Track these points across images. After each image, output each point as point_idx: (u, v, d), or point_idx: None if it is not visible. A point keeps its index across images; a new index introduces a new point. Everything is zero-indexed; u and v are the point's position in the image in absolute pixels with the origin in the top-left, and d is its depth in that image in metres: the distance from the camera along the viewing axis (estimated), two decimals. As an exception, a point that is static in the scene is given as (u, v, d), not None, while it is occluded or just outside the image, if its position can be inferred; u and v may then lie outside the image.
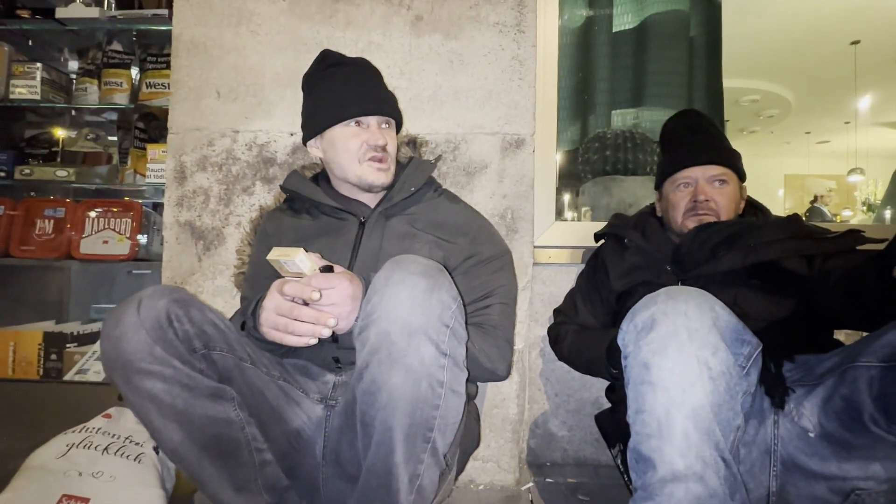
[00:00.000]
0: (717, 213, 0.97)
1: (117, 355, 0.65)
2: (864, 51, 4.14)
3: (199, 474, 0.71)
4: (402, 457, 0.64)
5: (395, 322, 0.62)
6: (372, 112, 0.91)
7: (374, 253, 0.89)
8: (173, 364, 0.66)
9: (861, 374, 0.66)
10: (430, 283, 0.64)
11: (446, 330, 0.64)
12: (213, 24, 1.27)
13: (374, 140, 0.90)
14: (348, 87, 0.93)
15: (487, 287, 0.90)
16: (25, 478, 0.89)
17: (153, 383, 0.66)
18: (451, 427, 0.68)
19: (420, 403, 0.63)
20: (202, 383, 0.69)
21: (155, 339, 0.65)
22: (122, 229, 1.56)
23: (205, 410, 0.69)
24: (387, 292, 0.63)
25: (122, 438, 0.97)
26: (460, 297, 0.69)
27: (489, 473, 1.18)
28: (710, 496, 0.59)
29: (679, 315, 0.63)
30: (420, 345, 0.62)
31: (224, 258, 1.23)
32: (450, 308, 0.65)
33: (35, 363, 1.51)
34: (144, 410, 0.67)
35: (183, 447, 0.69)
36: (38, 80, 1.61)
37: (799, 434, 0.73)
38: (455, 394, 0.67)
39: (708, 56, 1.73)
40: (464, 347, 0.69)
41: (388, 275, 0.65)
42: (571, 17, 1.71)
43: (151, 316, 0.65)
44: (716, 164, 0.99)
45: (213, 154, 1.25)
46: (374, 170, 0.90)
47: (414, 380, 0.63)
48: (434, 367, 0.64)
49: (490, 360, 0.85)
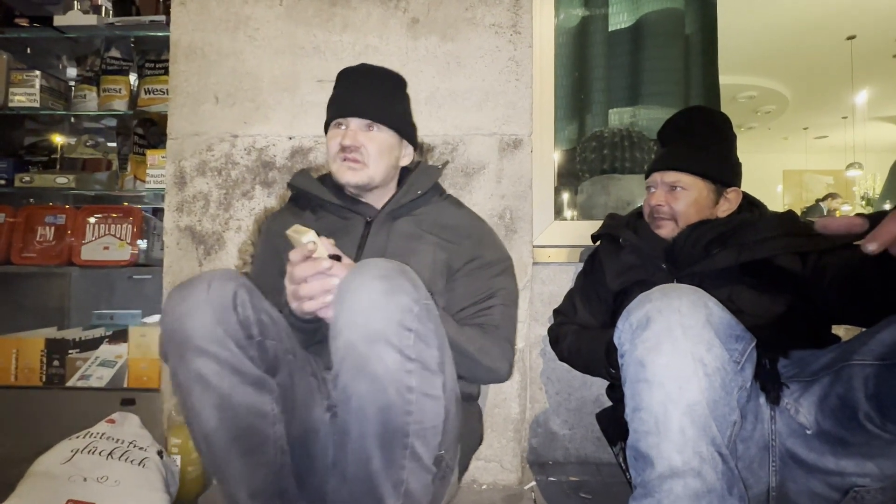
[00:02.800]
0: (673, 219, 0.99)
1: (178, 329, 0.65)
2: (861, 46, 4.15)
3: (224, 466, 0.70)
4: (382, 464, 0.64)
5: (356, 329, 0.62)
6: (348, 114, 0.93)
7: (379, 252, 0.91)
8: (230, 346, 0.66)
9: (856, 373, 0.66)
10: (387, 286, 0.63)
11: (409, 334, 0.63)
12: (211, 29, 1.27)
13: (343, 139, 0.91)
14: (340, 93, 0.96)
15: (489, 289, 0.91)
16: (31, 483, 0.89)
17: (206, 363, 0.66)
18: (431, 431, 0.66)
19: (392, 410, 0.63)
20: (251, 370, 0.69)
21: (219, 319, 0.66)
22: (122, 235, 1.56)
23: (245, 398, 0.69)
24: (347, 298, 0.63)
25: (126, 443, 0.97)
26: (430, 296, 0.68)
27: (492, 473, 1.19)
28: (708, 491, 0.60)
29: (673, 312, 0.63)
30: (381, 351, 0.62)
31: (225, 262, 1.24)
32: (410, 311, 0.63)
33: (38, 370, 1.51)
34: (190, 389, 0.67)
35: (216, 434, 0.68)
36: (38, 87, 1.61)
37: (797, 429, 0.74)
38: (430, 398, 0.66)
39: (704, 53, 1.73)
40: (435, 350, 0.67)
41: (350, 280, 0.64)
42: (567, 17, 1.71)
43: (219, 297, 0.66)
44: (672, 171, 0.99)
45: (212, 159, 1.26)
46: (346, 168, 0.92)
47: (380, 387, 0.62)
48: (399, 372, 0.62)
49: (491, 359, 0.85)
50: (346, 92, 0.95)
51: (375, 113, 0.93)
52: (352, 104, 0.93)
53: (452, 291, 0.91)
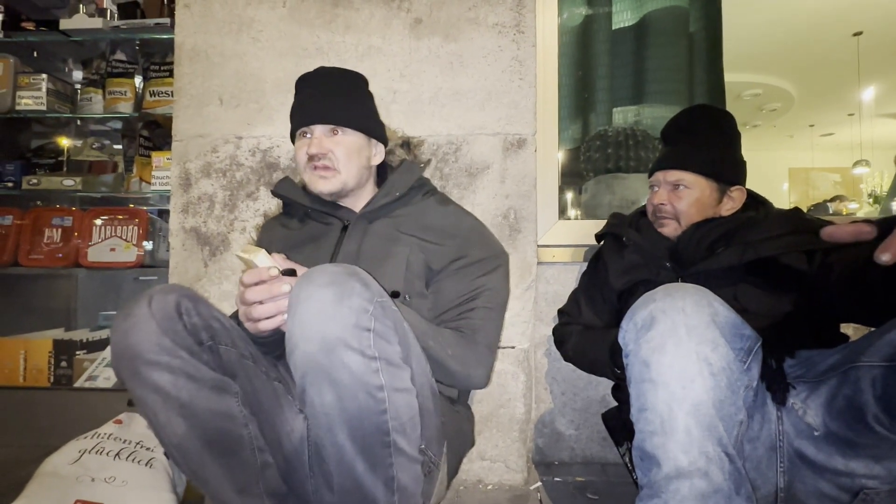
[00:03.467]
0: (676, 218, 0.98)
1: (126, 346, 0.66)
2: (867, 42, 4.10)
3: (202, 471, 0.71)
4: (367, 468, 0.63)
5: (311, 340, 0.60)
6: (310, 121, 0.91)
7: (351, 256, 0.89)
8: (180, 355, 0.67)
9: (864, 374, 0.65)
10: (337, 291, 0.61)
11: (368, 334, 0.62)
12: (215, 31, 1.28)
13: (308, 148, 0.90)
14: (302, 100, 0.94)
15: (473, 290, 0.88)
16: (39, 483, 0.90)
17: (160, 374, 0.66)
18: (409, 423, 0.66)
19: (364, 414, 0.62)
20: (207, 375, 0.69)
21: (164, 330, 0.66)
22: (128, 237, 1.57)
23: (209, 403, 0.69)
24: (299, 310, 0.62)
25: (134, 444, 0.98)
26: (384, 293, 0.67)
27: (497, 473, 1.18)
28: (715, 491, 0.59)
29: (677, 312, 0.63)
30: (343, 356, 0.60)
31: (229, 263, 1.24)
32: (366, 311, 0.62)
33: (46, 371, 1.53)
34: (150, 403, 0.67)
35: (186, 441, 0.69)
36: (44, 90, 1.63)
37: (804, 430, 0.73)
38: (399, 391, 0.65)
39: (708, 51, 1.72)
40: (396, 346, 0.66)
41: (298, 292, 0.63)
42: (570, 16, 1.71)
43: (162, 308, 0.67)
44: (674, 169, 0.98)
45: (216, 160, 1.26)
46: (316, 178, 0.91)
47: (349, 394, 0.61)
48: (366, 374, 0.62)
49: (464, 366, 0.82)
50: (307, 99, 0.93)
51: (338, 116, 0.91)
52: (312, 111, 0.91)
53: (438, 293, 0.89)
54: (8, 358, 1.53)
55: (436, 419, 0.74)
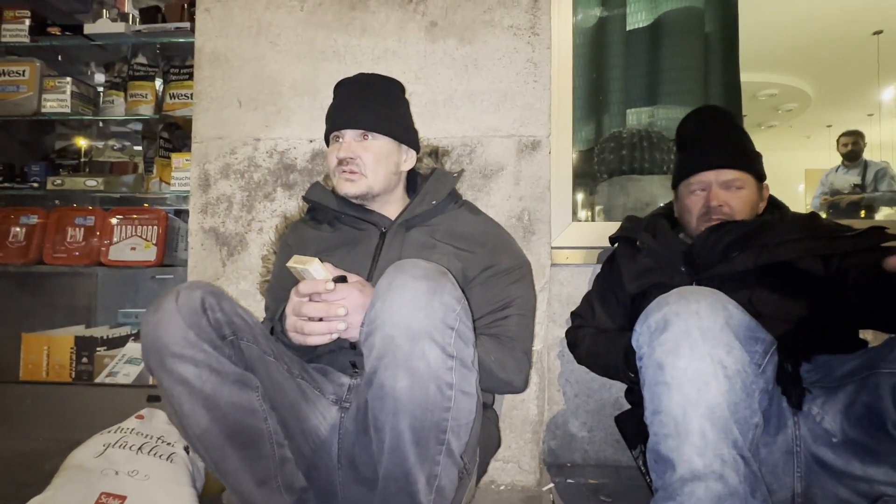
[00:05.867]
0: (731, 218, 0.96)
1: (155, 339, 0.69)
2: (888, 40, 4.01)
3: (223, 463, 0.73)
4: (417, 459, 0.65)
5: (398, 326, 0.63)
6: (342, 126, 0.94)
7: (393, 263, 0.91)
8: (204, 348, 0.69)
9: (883, 381, 0.65)
10: (431, 285, 0.64)
11: (451, 332, 0.65)
12: (234, 35, 1.30)
13: (338, 153, 0.93)
14: (336, 105, 0.97)
15: (505, 298, 0.91)
16: (66, 476, 0.93)
17: (185, 367, 0.69)
18: (464, 427, 0.68)
19: (430, 406, 0.64)
20: (229, 369, 0.72)
21: (189, 324, 0.69)
22: (148, 236, 1.61)
23: (231, 396, 0.71)
24: (389, 297, 0.64)
25: (155, 438, 1.00)
26: (465, 298, 0.70)
27: (510, 474, 1.19)
28: (731, 494, 0.59)
29: (691, 315, 0.63)
30: (425, 348, 0.63)
31: (247, 263, 1.27)
32: (453, 310, 0.66)
33: (67, 366, 1.57)
34: (175, 394, 0.70)
35: (209, 433, 0.71)
36: (69, 93, 1.67)
37: (822, 435, 0.73)
38: (465, 395, 0.67)
39: (724, 51, 1.71)
40: (471, 348, 0.69)
41: (391, 279, 0.66)
42: (585, 18, 1.71)
43: (187, 304, 0.70)
44: (729, 168, 0.97)
45: (235, 162, 1.29)
46: (343, 181, 0.93)
47: (421, 383, 0.63)
48: (441, 369, 0.64)
49: (506, 371, 0.84)
50: (341, 103, 0.96)
51: (368, 122, 0.93)
52: (344, 116, 0.94)
53: (471, 301, 0.90)
54: (32, 353, 1.58)
55: (477, 427, 0.75)
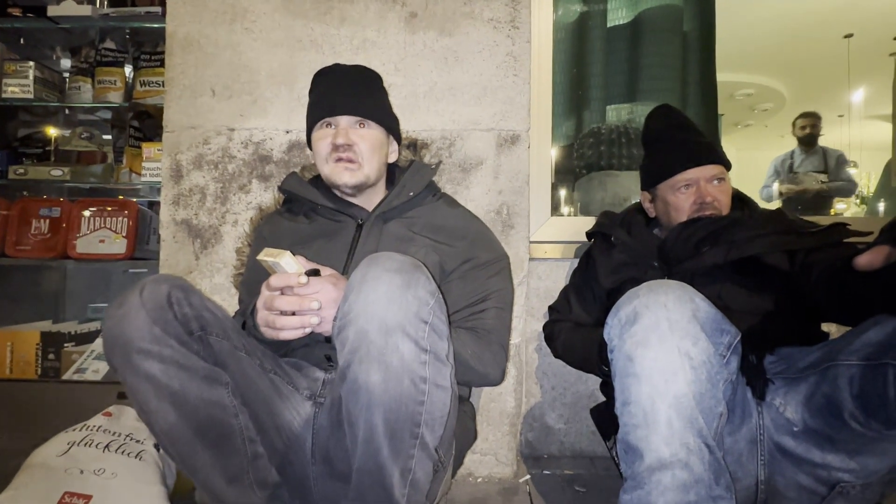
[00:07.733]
0: (720, 212, 1.00)
1: (119, 334, 0.66)
2: (858, 44, 4.15)
3: (192, 460, 0.71)
4: (391, 453, 0.64)
5: (371, 320, 0.62)
6: (338, 112, 0.91)
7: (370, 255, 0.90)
8: (171, 344, 0.67)
9: (842, 373, 0.67)
10: (405, 279, 0.64)
11: (425, 326, 0.64)
12: (208, 21, 1.26)
13: (334, 139, 0.90)
14: (325, 92, 0.94)
15: (483, 291, 0.90)
16: (27, 476, 0.89)
17: (151, 363, 0.66)
18: (438, 421, 0.68)
19: (404, 400, 0.64)
20: (198, 364, 0.70)
21: (155, 319, 0.66)
22: (118, 228, 1.56)
23: (200, 392, 0.69)
24: (362, 290, 0.63)
25: (123, 436, 0.98)
26: (440, 292, 0.69)
27: (487, 466, 1.20)
28: (696, 482, 0.61)
29: (660, 307, 0.64)
30: (398, 342, 0.62)
31: (221, 256, 1.24)
32: (427, 304, 0.65)
33: (33, 363, 1.51)
34: (141, 391, 0.68)
35: (177, 429, 0.69)
36: (31, 78, 1.60)
37: (784, 425, 0.75)
38: (439, 388, 0.67)
39: (702, 50, 1.74)
40: (445, 342, 0.68)
41: (364, 272, 0.65)
42: (566, 13, 1.71)
43: (153, 298, 0.67)
44: (712, 164, 1.00)
45: (208, 152, 1.25)
46: (341, 169, 0.90)
47: (395, 377, 0.63)
48: (415, 363, 0.64)
49: (483, 364, 0.84)
50: (330, 91, 0.93)
51: (365, 110, 0.92)
52: (339, 102, 0.91)
53: (449, 294, 0.90)
54: (-6, 349, 1.52)
55: (453, 420, 0.75)
